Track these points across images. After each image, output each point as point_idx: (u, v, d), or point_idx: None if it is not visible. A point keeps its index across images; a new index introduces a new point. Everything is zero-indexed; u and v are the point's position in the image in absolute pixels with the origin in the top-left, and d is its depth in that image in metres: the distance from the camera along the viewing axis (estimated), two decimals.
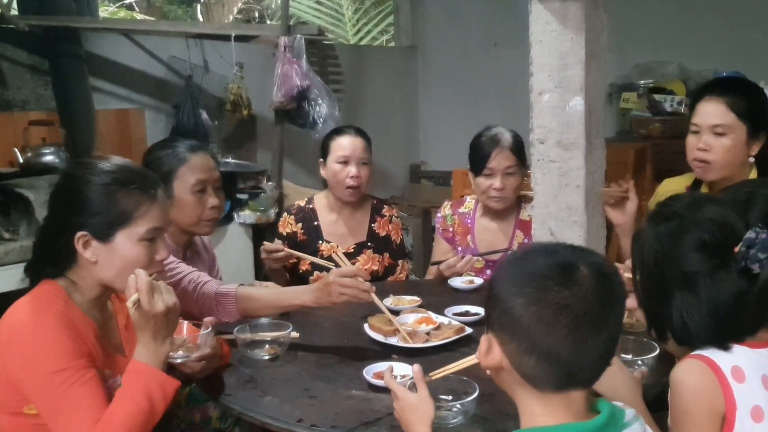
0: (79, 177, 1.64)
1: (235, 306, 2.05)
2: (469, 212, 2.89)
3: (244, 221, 4.29)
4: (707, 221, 1.38)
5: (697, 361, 1.33)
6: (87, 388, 1.51)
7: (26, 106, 3.87)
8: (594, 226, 2.38)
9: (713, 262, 1.34)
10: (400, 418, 1.42)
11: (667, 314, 1.38)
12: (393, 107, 6.05)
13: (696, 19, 4.68)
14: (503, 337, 1.16)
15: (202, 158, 2.29)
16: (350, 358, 1.91)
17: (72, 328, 1.55)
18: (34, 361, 1.50)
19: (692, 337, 1.37)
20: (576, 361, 1.13)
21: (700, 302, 1.34)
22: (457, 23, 5.88)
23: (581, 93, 2.29)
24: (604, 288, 1.14)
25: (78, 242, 1.58)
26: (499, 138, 2.72)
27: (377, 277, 2.85)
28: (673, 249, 1.37)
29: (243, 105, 4.47)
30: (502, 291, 1.17)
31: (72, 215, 1.60)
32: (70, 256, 1.62)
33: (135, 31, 4.45)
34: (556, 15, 2.29)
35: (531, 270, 1.15)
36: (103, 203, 1.60)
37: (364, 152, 2.85)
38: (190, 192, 2.25)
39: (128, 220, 1.61)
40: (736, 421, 1.29)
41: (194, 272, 2.14)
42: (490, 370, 1.22)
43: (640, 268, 1.44)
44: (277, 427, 1.55)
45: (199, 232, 2.34)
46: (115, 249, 1.61)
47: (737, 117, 2.14)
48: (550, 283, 1.12)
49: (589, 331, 1.12)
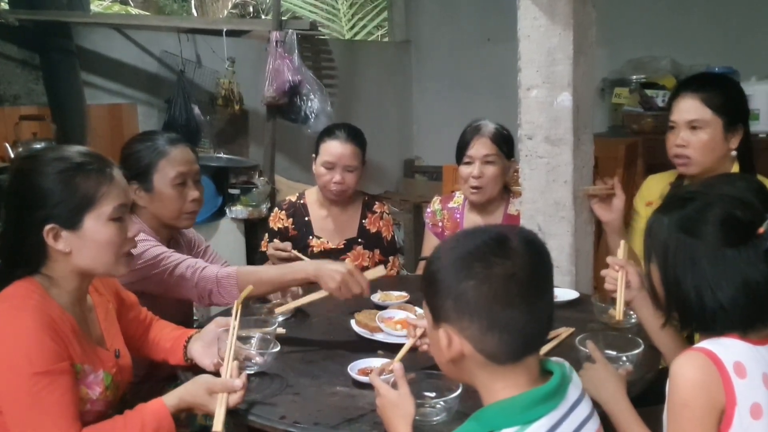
0: (31, 170, 1.59)
1: (236, 288, 2.03)
2: (458, 207, 2.89)
3: (236, 216, 4.29)
4: (731, 198, 1.37)
5: (699, 353, 1.31)
6: (62, 394, 1.48)
7: (17, 100, 3.86)
8: (582, 222, 2.39)
9: (741, 238, 1.32)
10: (382, 415, 1.42)
11: (695, 297, 1.35)
12: (386, 102, 6.05)
13: (688, 15, 4.68)
14: (461, 324, 1.18)
15: (182, 151, 2.27)
16: (335, 355, 1.90)
17: (50, 326, 1.51)
18: (9, 361, 1.47)
19: (721, 318, 1.33)
20: (531, 327, 1.18)
21: (732, 277, 1.32)
22: (451, 19, 5.88)
23: (569, 89, 2.29)
24: (536, 252, 1.20)
25: (48, 236, 1.55)
26: (481, 127, 2.74)
27: None
28: (700, 225, 1.36)
29: (235, 100, 4.46)
30: (448, 279, 1.19)
31: (35, 210, 1.56)
32: (41, 253, 1.58)
33: (126, 25, 4.44)
34: (544, 10, 2.29)
35: (470, 251, 1.19)
36: (64, 191, 1.56)
37: (352, 159, 2.80)
38: (171, 185, 2.23)
39: (93, 202, 1.58)
40: (735, 417, 1.27)
41: (190, 258, 2.13)
42: (450, 363, 1.23)
43: (660, 256, 1.41)
44: (260, 424, 1.54)
45: (180, 225, 2.32)
46: (86, 234, 1.58)
47: (713, 112, 2.16)
48: (493, 259, 1.16)
49: (536, 296, 1.18)
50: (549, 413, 1.16)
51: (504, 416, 1.16)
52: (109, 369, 1.68)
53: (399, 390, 1.40)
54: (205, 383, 1.58)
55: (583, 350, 1.63)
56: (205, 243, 2.55)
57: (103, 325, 1.75)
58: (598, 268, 1.96)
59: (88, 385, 1.60)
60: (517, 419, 1.15)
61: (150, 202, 2.24)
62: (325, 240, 2.86)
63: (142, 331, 1.95)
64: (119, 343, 1.79)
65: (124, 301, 1.90)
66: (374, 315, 2.04)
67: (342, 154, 2.79)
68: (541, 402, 1.17)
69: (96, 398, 1.62)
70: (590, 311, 2.06)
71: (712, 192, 1.41)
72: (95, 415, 1.55)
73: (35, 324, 1.49)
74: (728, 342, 1.33)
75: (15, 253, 1.60)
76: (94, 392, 1.62)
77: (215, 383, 1.57)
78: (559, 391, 1.20)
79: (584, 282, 2.38)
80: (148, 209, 2.25)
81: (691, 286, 1.36)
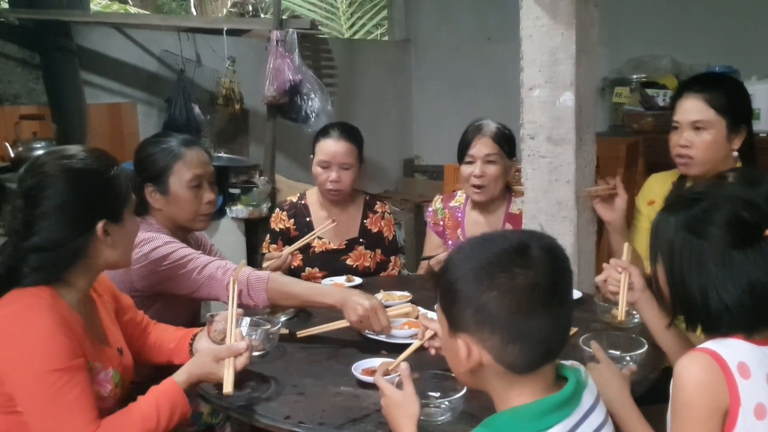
0: (74, 171, 1.60)
1: (265, 292, 2.04)
2: (460, 206, 2.89)
3: (237, 216, 4.29)
4: (738, 199, 1.37)
5: (704, 354, 1.31)
6: (82, 390, 1.50)
7: (17, 100, 3.86)
8: (584, 221, 2.39)
9: (747, 240, 1.32)
10: (386, 416, 1.42)
11: (701, 297, 1.35)
12: (386, 101, 6.05)
13: (689, 14, 4.68)
14: (482, 335, 1.16)
15: (197, 153, 2.28)
16: (339, 355, 1.90)
17: (64, 324, 1.53)
18: (27, 359, 1.48)
19: (726, 319, 1.33)
20: (553, 336, 1.17)
21: (737, 278, 1.32)
22: (451, 18, 5.88)
23: (571, 88, 2.29)
24: (555, 259, 1.18)
25: (101, 232, 1.61)
26: (482, 127, 2.73)
27: (369, 273, 2.85)
28: (706, 226, 1.35)
29: (235, 99, 4.46)
30: (467, 289, 1.16)
31: (87, 209, 1.60)
32: (80, 254, 1.60)
33: (126, 24, 4.43)
34: (546, 10, 2.29)
35: (491, 260, 1.16)
36: (115, 188, 1.65)
37: (347, 156, 2.80)
38: (187, 187, 2.23)
39: (129, 197, 1.70)
40: (739, 418, 1.27)
41: (218, 259, 2.14)
42: (468, 372, 1.21)
43: (667, 256, 1.41)
44: (265, 424, 1.54)
45: (195, 227, 2.33)
46: (125, 227, 1.69)
47: (716, 112, 2.16)
48: (515, 269, 1.14)
49: (558, 304, 1.16)
50: (563, 421, 1.14)
51: (516, 424, 1.15)
52: (115, 367, 1.70)
53: (404, 390, 1.40)
54: (211, 352, 1.63)
55: (587, 350, 1.63)
56: (210, 242, 2.55)
57: (105, 324, 1.77)
58: (600, 268, 1.96)
59: (99, 382, 1.62)
60: (530, 427, 1.13)
61: (166, 204, 2.24)
62: (326, 240, 2.86)
63: (140, 334, 1.95)
64: (121, 342, 1.81)
65: (121, 303, 1.91)
66: None
67: (336, 152, 2.79)
68: (556, 410, 1.15)
69: (107, 395, 1.64)
70: (593, 311, 2.07)
71: (719, 193, 1.41)
72: (106, 412, 1.56)
73: (51, 322, 1.51)
74: (732, 342, 1.32)
75: (40, 258, 1.56)
76: (105, 390, 1.64)
77: (220, 350, 1.62)
78: (574, 398, 1.18)
79: (586, 282, 2.38)
80: (163, 211, 2.25)
81: (696, 287, 1.36)
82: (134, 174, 2.19)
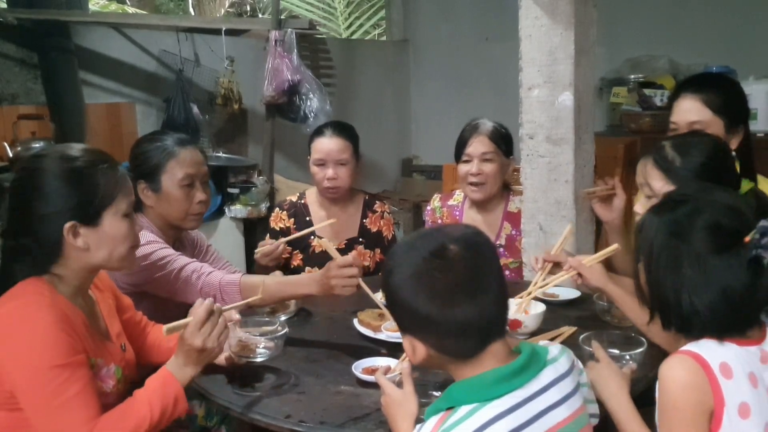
0: (46, 170, 1.59)
1: (239, 296, 2.03)
2: (458, 205, 2.90)
3: (236, 215, 4.29)
4: (721, 205, 1.39)
5: (686, 356, 1.33)
6: (82, 386, 1.50)
7: (16, 100, 3.86)
8: (582, 221, 2.40)
9: (725, 246, 1.33)
10: (386, 413, 1.43)
11: (674, 299, 1.37)
12: (385, 101, 6.05)
13: (687, 14, 4.69)
14: (422, 335, 1.26)
15: (191, 152, 2.28)
16: (339, 354, 1.90)
17: (64, 320, 1.53)
18: (28, 356, 1.48)
19: (697, 323, 1.35)
20: (486, 321, 1.24)
21: (711, 283, 1.33)
22: (449, 17, 5.88)
23: (570, 88, 2.30)
24: (473, 252, 1.25)
25: (68, 233, 1.57)
26: (479, 126, 2.75)
27: (369, 273, 2.85)
28: (687, 229, 1.37)
29: (234, 99, 4.46)
30: (401, 298, 1.26)
31: (55, 208, 1.57)
32: (56, 251, 1.59)
33: (125, 24, 4.43)
34: (545, 10, 2.30)
35: (415, 269, 1.24)
36: (84, 189, 1.59)
37: (342, 153, 2.82)
38: (178, 186, 2.24)
39: (112, 199, 1.62)
40: (724, 417, 1.29)
41: (195, 262, 2.13)
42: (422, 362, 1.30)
43: (646, 255, 1.43)
44: (266, 423, 1.54)
45: (186, 226, 2.33)
46: (104, 230, 1.61)
47: (713, 113, 2.16)
48: (436, 273, 1.22)
49: (483, 291, 1.23)
50: (512, 392, 1.21)
51: (465, 393, 1.22)
52: (118, 362, 1.70)
53: (404, 388, 1.41)
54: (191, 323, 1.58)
55: (587, 349, 1.63)
56: (206, 242, 2.55)
57: (107, 320, 1.77)
58: None
59: (101, 378, 1.63)
60: (477, 396, 1.21)
61: (157, 201, 2.25)
62: (326, 240, 2.86)
63: (138, 333, 1.95)
64: (123, 338, 1.82)
65: (121, 302, 1.91)
66: (376, 314, 2.05)
67: (331, 149, 2.80)
68: (504, 380, 1.22)
69: (110, 391, 1.65)
70: (592, 310, 2.07)
71: (704, 197, 1.42)
72: (109, 408, 1.56)
73: (51, 318, 1.51)
74: (713, 344, 1.34)
75: (25, 253, 1.59)
76: (108, 386, 1.65)
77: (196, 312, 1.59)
78: (526, 371, 1.24)
79: None
80: (154, 209, 2.26)
81: (671, 288, 1.38)
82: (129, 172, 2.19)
